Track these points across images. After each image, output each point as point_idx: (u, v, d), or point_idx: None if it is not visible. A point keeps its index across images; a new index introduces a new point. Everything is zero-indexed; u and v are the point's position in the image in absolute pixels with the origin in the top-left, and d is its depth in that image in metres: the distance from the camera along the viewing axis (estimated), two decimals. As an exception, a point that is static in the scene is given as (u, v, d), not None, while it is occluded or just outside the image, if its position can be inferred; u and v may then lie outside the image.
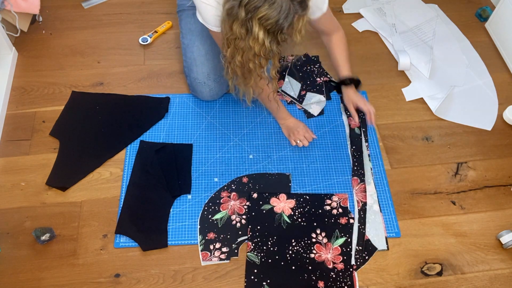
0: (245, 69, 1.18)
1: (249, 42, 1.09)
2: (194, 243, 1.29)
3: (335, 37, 1.47)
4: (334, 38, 1.47)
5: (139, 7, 1.90)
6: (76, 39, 1.78)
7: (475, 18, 1.94)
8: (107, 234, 1.30)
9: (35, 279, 1.22)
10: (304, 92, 1.61)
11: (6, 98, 1.57)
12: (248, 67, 1.16)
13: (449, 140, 1.55)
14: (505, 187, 1.44)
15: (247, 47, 1.10)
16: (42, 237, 1.24)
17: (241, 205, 1.36)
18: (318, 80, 1.64)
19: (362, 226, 1.32)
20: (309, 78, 1.65)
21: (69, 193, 1.37)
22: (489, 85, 1.70)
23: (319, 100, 1.59)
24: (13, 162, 1.42)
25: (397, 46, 1.78)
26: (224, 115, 1.56)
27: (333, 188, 1.41)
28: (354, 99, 1.48)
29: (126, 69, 1.68)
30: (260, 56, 1.12)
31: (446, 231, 1.34)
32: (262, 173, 1.43)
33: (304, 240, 1.29)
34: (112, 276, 1.23)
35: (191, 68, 1.49)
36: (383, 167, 1.46)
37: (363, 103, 1.47)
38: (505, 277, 1.27)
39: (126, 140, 1.48)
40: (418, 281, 1.25)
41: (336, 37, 1.47)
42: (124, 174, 1.41)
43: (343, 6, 1.95)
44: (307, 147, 1.49)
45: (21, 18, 1.68)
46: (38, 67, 1.68)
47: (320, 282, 1.23)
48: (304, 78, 1.65)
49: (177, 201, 1.36)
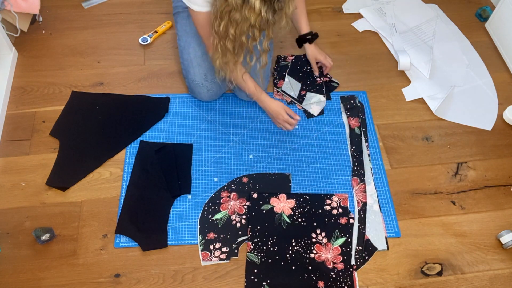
0: (237, 43, 1.17)
1: (245, 13, 1.08)
2: (194, 243, 1.29)
3: None
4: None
5: (139, 7, 1.90)
6: (76, 39, 1.78)
7: (475, 18, 1.94)
8: (107, 234, 1.30)
9: (35, 279, 1.22)
10: (304, 92, 1.61)
11: (6, 98, 1.57)
12: (241, 41, 1.15)
13: (449, 140, 1.55)
14: (505, 187, 1.44)
15: (242, 18, 1.09)
16: (42, 237, 1.24)
17: (241, 205, 1.36)
18: (318, 80, 1.64)
19: (362, 226, 1.32)
20: (309, 78, 1.65)
21: (69, 193, 1.37)
22: (489, 85, 1.70)
23: (319, 100, 1.59)
24: (13, 162, 1.42)
25: (397, 46, 1.78)
26: (224, 115, 1.56)
27: (333, 188, 1.41)
28: (316, 54, 1.60)
29: (126, 69, 1.68)
30: (255, 28, 1.11)
31: (446, 231, 1.35)
32: (262, 173, 1.43)
33: (304, 240, 1.29)
34: (112, 276, 1.23)
35: (188, 70, 1.49)
36: (383, 167, 1.46)
37: (323, 57, 1.60)
38: (505, 277, 1.27)
39: (126, 140, 1.48)
40: (418, 281, 1.25)
41: None
42: (124, 174, 1.41)
43: (343, 6, 1.95)
44: (307, 147, 1.49)
45: (21, 18, 1.68)
46: (38, 67, 1.68)
47: (320, 282, 1.23)
48: (304, 78, 1.65)
49: (177, 201, 1.36)
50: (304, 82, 1.64)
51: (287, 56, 1.73)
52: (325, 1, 1.97)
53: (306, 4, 1.55)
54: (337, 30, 1.86)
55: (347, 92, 1.64)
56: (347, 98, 1.61)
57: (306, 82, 1.64)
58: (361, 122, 1.54)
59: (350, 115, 1.57)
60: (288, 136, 1.52)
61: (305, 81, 1.64)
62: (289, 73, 1.65)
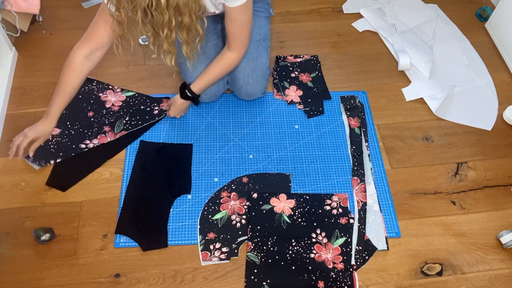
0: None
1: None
2: (194, 243, 1.29)
3: (226, 55, 1.38)
4: (225, 54, 1.38)
5: (139, 7, 1.90)
6: (76, 39, 1.75)
7: (475, 18, 1.94)
8: (107, 234, 1.30)
9: (35, 279, 1.22)
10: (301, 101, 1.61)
11: (6, 98, 1.57)
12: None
13: (449, 140, 1.55)
14: (505, 187, 1.44)
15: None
16: (42, 237, 1.24)
17: (241, 205, 1.36)
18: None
19: (362, 226, 1.32)
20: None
21: (69, 193, 1.37)
22: (489, 85, 1.70)
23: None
24: (13, 162, 1.42)
25: (397, 46, 1.78)
26: (224, 115, 1.56)
27: (333, 188, 1.41)
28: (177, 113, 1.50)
29: (126, 69, 1.68)
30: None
31: (446, 231, 1.35)
32: (262, 173, 1.43)
33: (304, 240, 1.29)
34: (112, 276, 1.23)
35: (186, 74, 1.49)
36: (383, 167, 1.46)
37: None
38: (505, 277, 1.27)
39: (126, 140, 1.48)
40: (418, 281, 1.25)
41: (228, 55, 1.37)
42: (124, 174, 1.41)
43: (343, 6, 1.95)
44: (307, 147, 1.49)
45: (21, 18, 1.68)
46: (38, 67, 1.68)
47: (320, 282, 1.23)
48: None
49: (177, 201, 1.36)
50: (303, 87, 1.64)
51: (287, 56, 1.73)
52: (325, 1, 1.97)
53: (306, 4, 1.55)
54: (337, 30, 1.86)
55: (347, 92, 1.64)
56: (347, 98, 1.61)
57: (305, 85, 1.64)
58: (361, 122, 1.54)
59: (350, 115, 1.57)
60: (288, 136, 1.52)
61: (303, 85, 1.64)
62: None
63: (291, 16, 1.91)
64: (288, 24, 1.88)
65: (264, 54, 1.51)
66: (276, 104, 1.60)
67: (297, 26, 1.87)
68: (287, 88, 1.63)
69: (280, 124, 1.54)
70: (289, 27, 1.87)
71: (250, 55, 1.47)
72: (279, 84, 1.64)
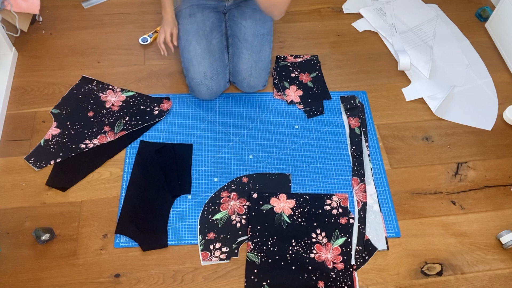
0: None
1: None
2: (194, 243, 1.29)
3: None
4: None
5: (139, 7, 1.90)
6: (76, 39, 1.78)
7: (475, 18, 1.94)
8: (107, 234, 1.30)
9: (35, 279, 1.22)
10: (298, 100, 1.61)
11: (6, 98, 1.57)
12: None
13: (449, 140, 1.55)
14: (505, 187, 1.44)
15: None
16: (42, 237, 1.24)
17: (241, 205, 1.36)
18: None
19: (362, 226, 1.32)
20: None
21: (69, 193, 1.37)
22: (489, 85, 1.70)
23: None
24: (13, 162, 1.42)
25: (397, 46, 1.78)
26: (224, 115, 1.56)
27: (333, 188, 1.41)
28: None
29: (126, 69, 1.68)
30: None
31: (446, 231, 1.35)
32: (262, 173, 1.43)
33: (304, 240, 1.29)
34: (112, 276, 1.23)
35: (188, 69, 1.50)
36: (383, 167, 1.46)
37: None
38: (505, 277, 1.27)
39: (126, 140, 1.48)
40: (418, 281, 1.25)
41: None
42: (124, 174, 1.41)
43: (343, 6, 1.95)
44: (307, 147, 1.49)
45: (21, 18, 1.68)
46: (38, 67, 1.68)
47: (320, 282, 1.23)
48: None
49: (177, 201, 1.36)
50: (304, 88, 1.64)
51: (287, 56, 1.73)
52: (325, 1, 1.97)
53: (306, 4, 1.54)
54: (337, 30, 1.86)
55: (347, 92, 1.65)
56: (347, 98, 1.61)
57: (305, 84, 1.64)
58: (361, 122, 1.54)
59: (350, 115, 1.57)
60: (288, 136, 1.52)
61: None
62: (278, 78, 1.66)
63: (291, 16, 1.91)
64: (288, 24, 1.88)
65: (268, 47, 1.55)
66: (276, 104, 1.60)
67: (297, 26, 1.87)
68: (287, 88, 1.63)
69: (280, 124, 1.54)
70: (289, 27, 1.87)
71: (255, 48, 1.52)
72: (279, 84, 1.64)
